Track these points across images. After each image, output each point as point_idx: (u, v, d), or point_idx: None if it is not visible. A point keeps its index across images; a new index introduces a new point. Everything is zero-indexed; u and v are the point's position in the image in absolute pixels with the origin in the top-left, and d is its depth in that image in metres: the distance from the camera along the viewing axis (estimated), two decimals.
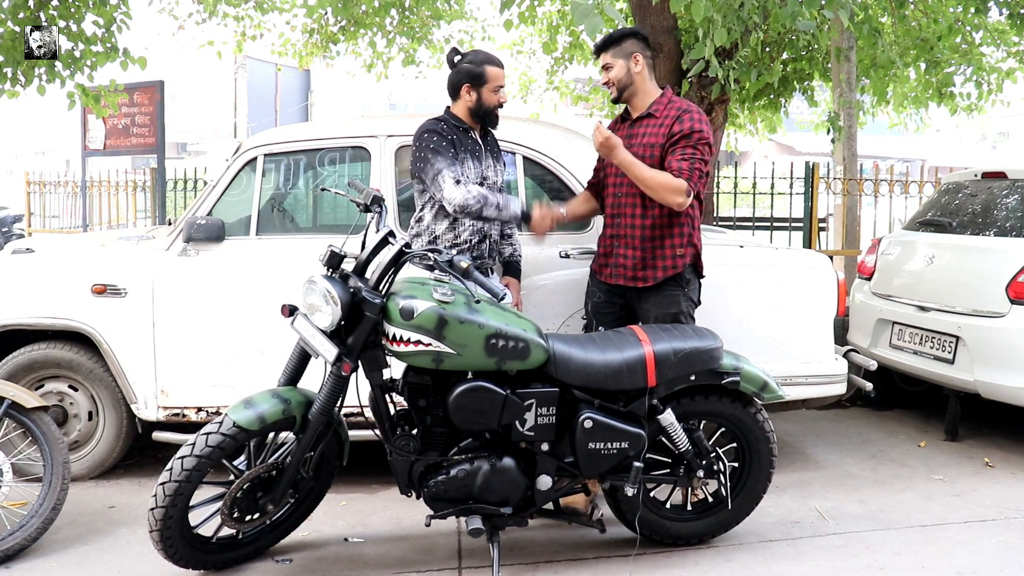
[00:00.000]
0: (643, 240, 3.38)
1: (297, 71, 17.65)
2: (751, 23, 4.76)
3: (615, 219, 3.46)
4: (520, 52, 10.94)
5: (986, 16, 7.56)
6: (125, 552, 3.23)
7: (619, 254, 3.44)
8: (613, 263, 3.47)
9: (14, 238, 10.35)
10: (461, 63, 3.39)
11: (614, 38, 3.41)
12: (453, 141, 3.32)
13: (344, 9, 8.09)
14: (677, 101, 3.40)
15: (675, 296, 3.39)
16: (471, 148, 3.39)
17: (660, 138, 3.32)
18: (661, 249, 3.38)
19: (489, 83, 3.36)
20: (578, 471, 2.99)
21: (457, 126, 3.40)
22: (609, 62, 3.42)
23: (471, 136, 3.42)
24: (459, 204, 3.22)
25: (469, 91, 3.37)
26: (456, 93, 3.41)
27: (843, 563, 3.15)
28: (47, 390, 3.88)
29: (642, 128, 3.40)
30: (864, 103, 9.32)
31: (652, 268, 3.39)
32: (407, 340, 2.76)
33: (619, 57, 3.40)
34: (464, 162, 3.33)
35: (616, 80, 3.42)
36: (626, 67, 3.40)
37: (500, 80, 3.40)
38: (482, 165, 3.41)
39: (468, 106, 3.39)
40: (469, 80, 3.36)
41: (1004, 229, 4.51)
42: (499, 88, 3.40)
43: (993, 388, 4.28)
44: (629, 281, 3.42)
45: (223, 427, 2.81)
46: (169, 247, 3.84)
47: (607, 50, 3.42)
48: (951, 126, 18.71)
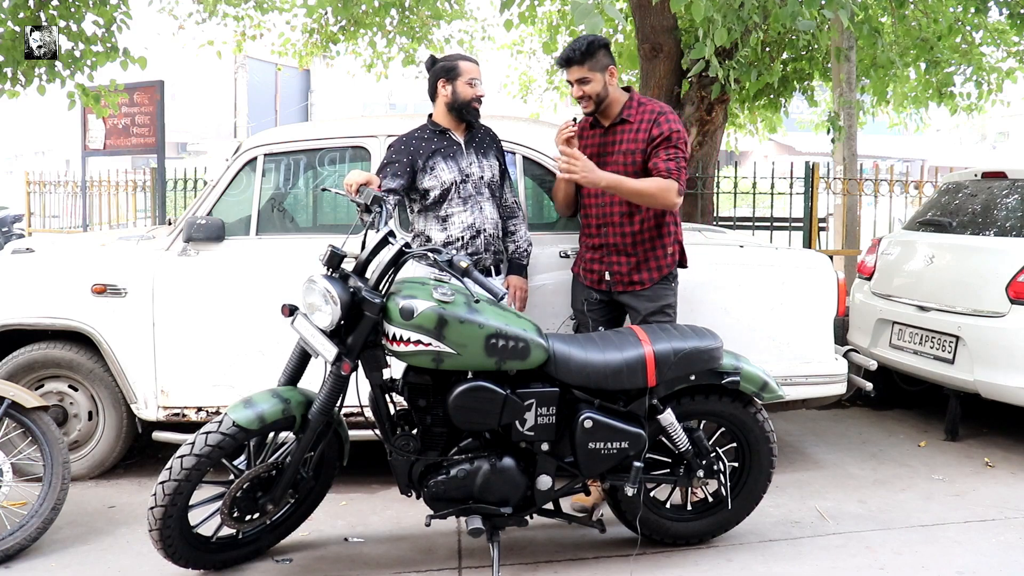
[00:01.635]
0: (635, 246, 3.39)
1: (297, 71, 17.65)
2: (751, 23, 4.76)
3: (601, 228, 3.44)
4: (520, 52, 10.95)
5: (986, 16, 7.57)
6: (125, 552, 3.23)
7: (611, 261, 3.44)
8: (604, 270, 3.46)
9: (14, 238, 10.34)
10: (436, 65, 3.47)
11: (589, 50, 3.31)
12: (414, 149, 3.38)
13: (344, 9, 8.10)
14: (647, 103, 3.39)
15: (665, 291, 3.44)
16: (445, 150, 3.42)
17: (640, 143, 3.32)
18: (653, 251, 3.40)
19: (463, 76, 3.40)
20: (578, 471, 2.99)
21: (433, 130, 3.46)
22: (586, 76, 3.32)
23: (448, 137, 3.46)
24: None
25: (444, 85, 3.42)
26: (434, 92, 3.47)
27: (843, 563, 3.15)
28: (47, 390, 3.88)
29: (618, 135, 3.40)
30: (864, 103, 9.32)
31: (647, 271, 3.40)
32: (407, 340, 2.76)
33: (596, 70, 3.32)
34: (433, 167, 3.38)
35: (594, 94, 3.35)
36: (603, 81, 3.35)
37: (474, 74, 3.43)
38: (460, 164, 3.42)
39: (445, 102, 3.43)
40: (443, 75, 3.42)
41: (1004, 229, 4.51)
42: (474, 81, 3.42)
43: (993, 388, 4.28)
44: (626, 287, 3.43)
45: (223, 426, 2.81)
46: (169, 247, 3.84)
47: (583, 63, 3.31)
48: (951, 126, 18.70)
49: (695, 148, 6.10)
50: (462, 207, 3.43)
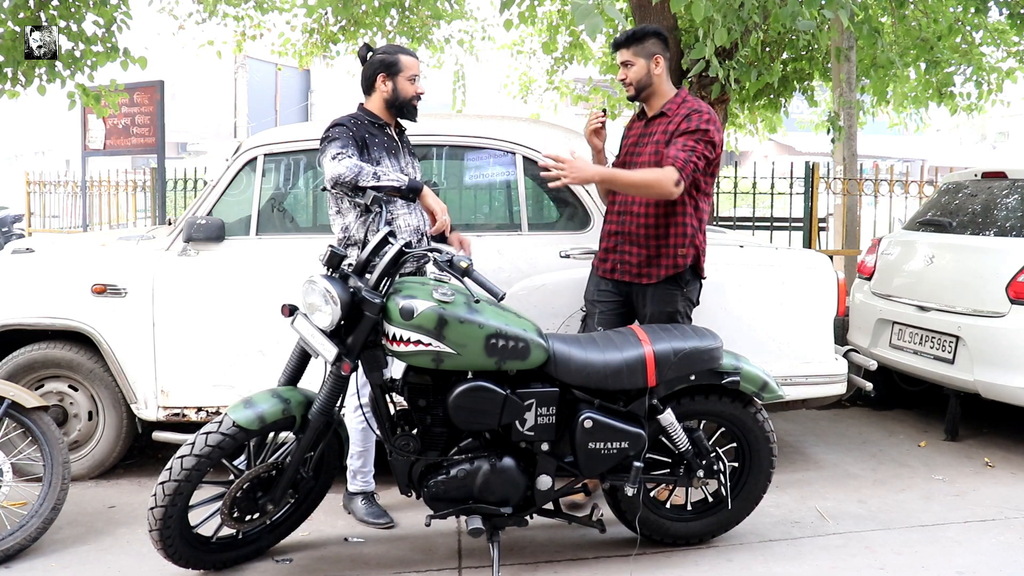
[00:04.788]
0: (647, 238, 3.37)
1: (297, 71, 17.63)
2: (751, 23, 4.77)
3: (621, 216, 3.44)
4: (520, 52, 10.93)
5: (986, 16, 7.57)
6: (125, 552, 3.23)
7: (624, 251, 3.43)
8: (616, 259, 3.46)
9: (14, 238, 10.34)
10: (374, 56, 3.32)
11: (637, 36, 3.34)
12: (364, 138, 3.22)
13: (344, 9, 8.09)
14: (690, 101, 3.36)
15: (673, 295, 3.39)
16: (387, 145, 3.31)
17: (668, 136, 3.31)
18: (665, 247, 3.37)
19: (404, 72, 3.29)
20: (578, 471, 2.99)
21: (372, 122, 3.32)
22: (630, 59, 3.36)
23: (387, 132, 3.35)
24: (332, 176, 3.04)
25: (384, 81, 3.29)
26: (371, 86, 3.33)
27: (843, 563, 3.15)
28: (47, 390, 3.88)
29: (654, 127, 3.40)
30: (864, 103, 9.32)
31: (656, 266, 3.38)
32: (407, 340, 2.76)
33: (640, 56, 3.35)
34: (380, 160, 3.24)
35: (635, 79, 3.37)
36: (646, 67, 3.36)
37: (415, 69, 3.33)
38: (400, 162, 3.33)
39: (384, 97, 3.31)
40: (384, 69, 3.29)
41: (1004, 229, 4.51)
42: (415, 77, 3.32)
43: (993, 388, 4.28)
44: (634, 278, 3.42)
45: (223, 427, 2.81)
46: (169, 247, 3.84)
47: (628, 47, 3.35)
48: (951, 126, 18.70)
49: None
50: (406, 209, 3.33)
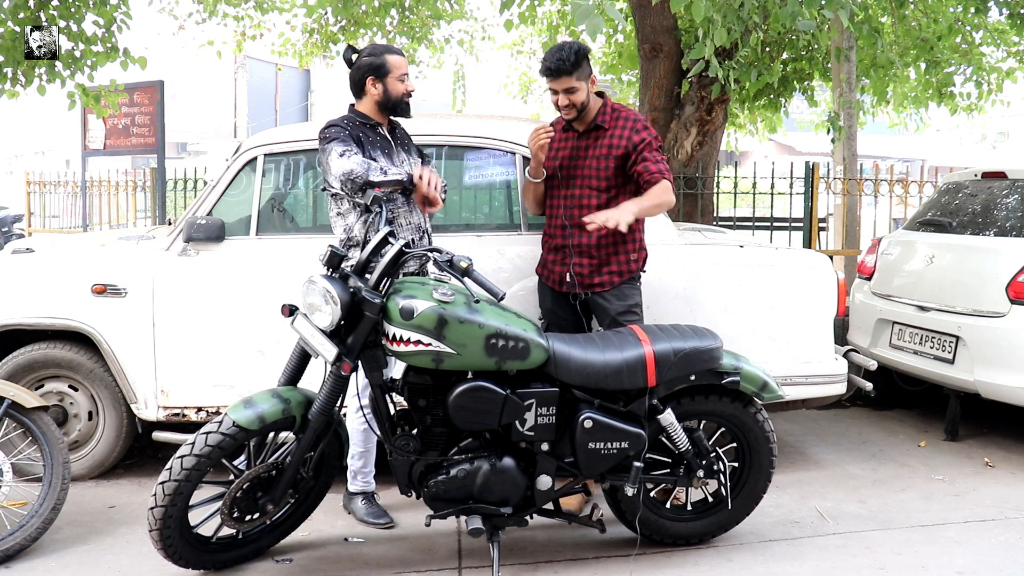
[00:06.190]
0: (599, 249, 3.41)
1: (297, 71, 17.66)
2: (751, 23, 4.77)
3: (566, 230, 3.44)
4: (520, 52, 10.95)
5: (986, 16, 7.57)
6: (125, 552, 3.23)
7: (573, 263, 3.44)
8: (564, 272, 3.46)
9: (14, 238, 10.35)
10: (360, 59, 3.32)
11: (578, 59, 3.29)
12: (358, 138, 3.23)
13: (344, 9, 8.09)
14: (620, 110, 3.42)
15: (631, 291, 3.47)
16: (380, 144, 3.31)
17: (619, 150, 3.35)
18: (616, 256, 3.42)
19: (393, 72, 3.29)
20: (578, 471, 2.99)
21: (364, 123, 3.32)
22: (574, 85, 3.30)
23: (379, 132, 3.35)
24: (344, 172, 3.04)
25: (374, 83, 3.29)
26: (361, 89, 3.32)
27: (843, 563, 3.15)
28: (47, 390, 3.88)
29: (592, 140, 3.41)
30: (864, 103, 9.32)
31: (609, 274, 3.42)
32: (407, 340, 2.76)
33: (582, 79, 3.32)
34: (376, 159, 3.23)
35: (579, 103, 3.34)
36: (587, 89, 3.35)
37: (403, 68, 3.32)
38: (394, 161, 3.32)
39: (376, 99, 3.31)
40: (372, 72, 3.28)
41: (1004, 229, 4.51)
42: (404, 76, 3.32)
43: (993, 388, 4.28)
44: (587, 289, 3.44)
45: (223, 426, 2.81)
46: (169, 247, 3.84)
47: (571, 73, 3.29)
48: (951, 126, 18.67)
49: (695, 148, 6.10)
50: (407, 207, 3.32)
